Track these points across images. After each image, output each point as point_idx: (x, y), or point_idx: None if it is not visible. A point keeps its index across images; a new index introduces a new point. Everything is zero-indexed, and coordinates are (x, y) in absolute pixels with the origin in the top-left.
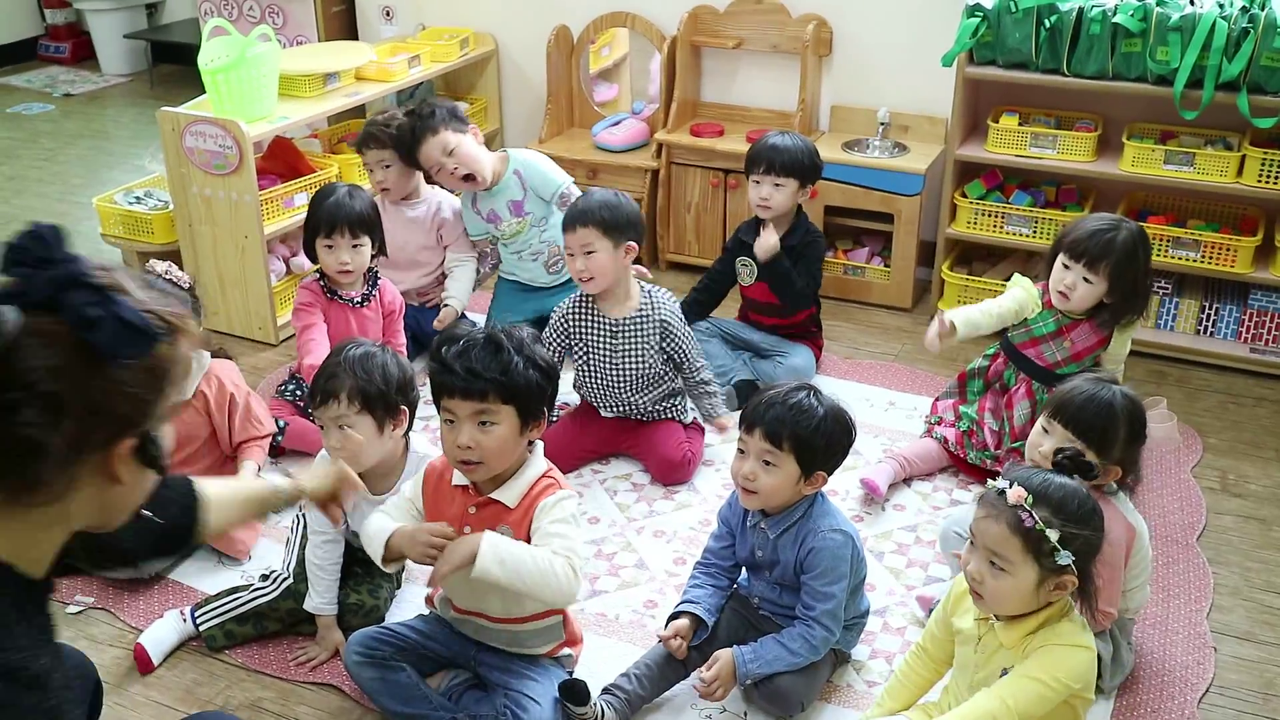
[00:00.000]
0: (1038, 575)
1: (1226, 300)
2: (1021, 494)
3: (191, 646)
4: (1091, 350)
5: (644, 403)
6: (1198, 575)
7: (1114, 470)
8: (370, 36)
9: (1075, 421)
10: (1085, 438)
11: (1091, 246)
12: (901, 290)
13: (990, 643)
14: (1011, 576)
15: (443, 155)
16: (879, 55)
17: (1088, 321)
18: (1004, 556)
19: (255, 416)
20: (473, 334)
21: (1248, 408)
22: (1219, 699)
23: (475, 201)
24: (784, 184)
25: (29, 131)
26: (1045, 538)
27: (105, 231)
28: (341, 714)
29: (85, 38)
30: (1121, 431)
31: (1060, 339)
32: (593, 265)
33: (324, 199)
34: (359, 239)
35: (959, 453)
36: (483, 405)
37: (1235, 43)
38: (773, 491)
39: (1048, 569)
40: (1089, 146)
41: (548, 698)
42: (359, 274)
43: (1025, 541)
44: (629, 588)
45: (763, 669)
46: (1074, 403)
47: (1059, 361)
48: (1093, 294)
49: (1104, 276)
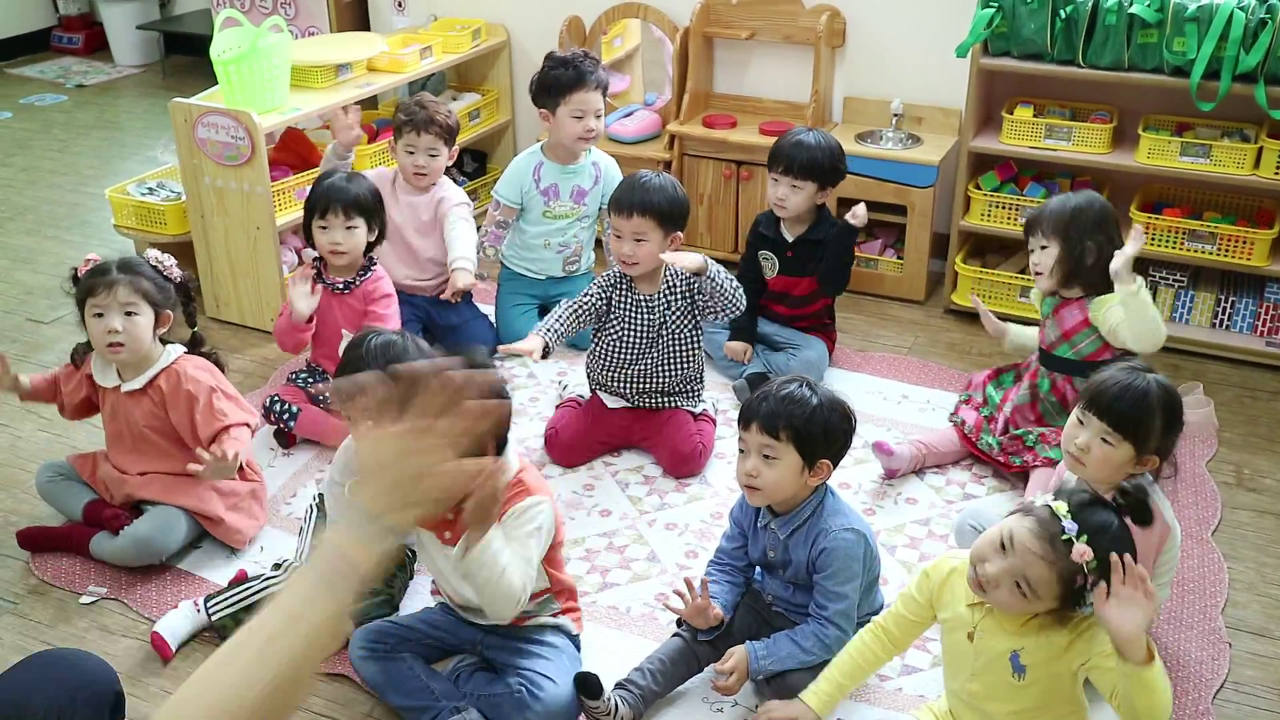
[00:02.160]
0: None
1: (1243, 293)
2: (1088, 553)
3: (205, 637)
4: (1078, 329)
5: (664, 383)
6: (1213, 570)
7: (1151, 460)
8: (382, 27)
9: (1110, 413)
10: (1121, 429)
11: (1038, 215)
12: (915, 283)
13: (989, 628)
14: (1033, 601)
15: (593, 111)
16: (892, 46)
17: (1076, 301)
18: (1035, 590)
19: (218, 410)
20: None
21: (1264, 402)
22: (1234, 695)
23: (539, 169)
24: (801, 186)
25: (42, 122)
26: (1086, 592)
27: (118, 222)
28: (352, 704)
29: (98, 29)
30: (1158, 421)
31: (1052, 319)
32: (640, 252)
33: (322, 180)
34: (353, 220)
35: (973, 436)
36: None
37: (1253, 33)
38: (777, 485)
39: (1070, 605)
40: (1104, 138)
41: (563, 676)
42: (353, 256)
43: (1066, 589)
44: (640, 580)
45: (775, 666)
46: (1108, 393)
47: (1053, 342)
48: (1050, 257)
49: (1052, 235)
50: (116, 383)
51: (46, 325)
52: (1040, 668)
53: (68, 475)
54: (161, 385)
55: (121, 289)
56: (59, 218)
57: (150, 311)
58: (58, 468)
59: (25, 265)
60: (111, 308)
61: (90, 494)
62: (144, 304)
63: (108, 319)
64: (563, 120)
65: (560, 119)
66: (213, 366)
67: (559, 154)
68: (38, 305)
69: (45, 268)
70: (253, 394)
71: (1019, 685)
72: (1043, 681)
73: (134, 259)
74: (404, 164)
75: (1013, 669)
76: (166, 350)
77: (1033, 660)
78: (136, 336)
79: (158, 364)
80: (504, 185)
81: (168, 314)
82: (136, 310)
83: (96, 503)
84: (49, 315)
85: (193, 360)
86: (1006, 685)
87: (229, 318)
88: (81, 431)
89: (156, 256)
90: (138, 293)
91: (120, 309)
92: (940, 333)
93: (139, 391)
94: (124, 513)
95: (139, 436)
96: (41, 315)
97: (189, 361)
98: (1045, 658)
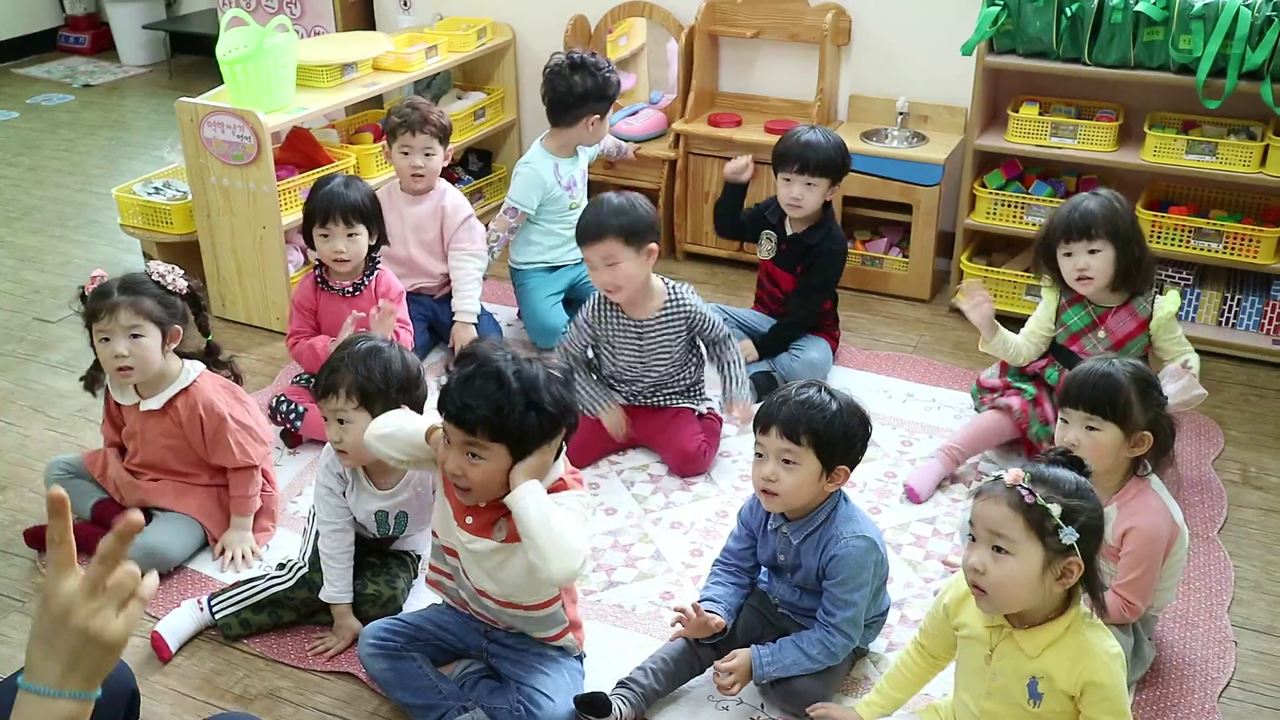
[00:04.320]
0: (1042, 557)
1: (1249, 291)
2: (1019, 474)
3: (209, 636)
4: (1133, 336)
5: (663, 396)
6: (1219, 569)
7: (1144, 437)
8: (388, 26)
9: (1081, 400)
10: (1100, 411)
11: (1076, 218)
12: (920, 281)
13: (1008, 650)
14: (1015, 558)
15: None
16: (898, 44)
17: (1124, 308)
18: (1007, 536)
19: (233, 442)
20: (487, 360)
21: (1270, 400)
22: (1239, 693)
23: (558, 168)
24: (816, 184)
25: (49, 122)
26: (1048, 513)
27: (124, 222)
28: (358, 703)
29: (104, 28)
30: (1131, 393)
31: (1096, 330)
32: (619, 276)
33: (320, 188)
34: (354, 228)
35: (1023, 423)
36: (471, 438)
37: (1259, 31)
38: (795, 491)
39: (1052, 549)
40: (1110, 136)
41: (561, 693)
42: (356, 263)
43: (1028, 519)
44: (646, 579)
45: (779, 673)
46: (1075, 383)
47: (1105, 351)
48: (1106, 261)
49: (1105, 238)
50: (135, 400)
51: (54, 324)
52: (1057, 699)
53: (78, 472)
54: (179, 407)
55: (124, 312)
56: (66, 217)
57: (156, 330)
58: (69, 464)
59: (32, 265)
60: (116, 332)
61: (100, 493)
62: (149, 324)
63: (113, 344)
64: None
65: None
66: (231, 386)
67: (565, 149)
68: (45, 304)
69: (52, 267)
70: (259, 393)
71: (1033, 711)
72: (1056, 711)
73: (136, 277)
74: (400, 166)
75: (1029, 695)
76: (185, 369)
77: (1050, 690)
78: (143, 359)
79: (176, 384)
80: (522, 193)
81: (176, 329)
82: (141, 332)
83: (106, 502)
84: (56, 314)
85: (210, 381)
86: (1020, 709)
87: (235, 317)
88: (90, 432)
89: (159, 271)
90: (140, 314)
91: (125, 332)
92: (945, 331)
93: (158, 411)
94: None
95: (156, 453)
96: (49, 314)
97: (207, 382)
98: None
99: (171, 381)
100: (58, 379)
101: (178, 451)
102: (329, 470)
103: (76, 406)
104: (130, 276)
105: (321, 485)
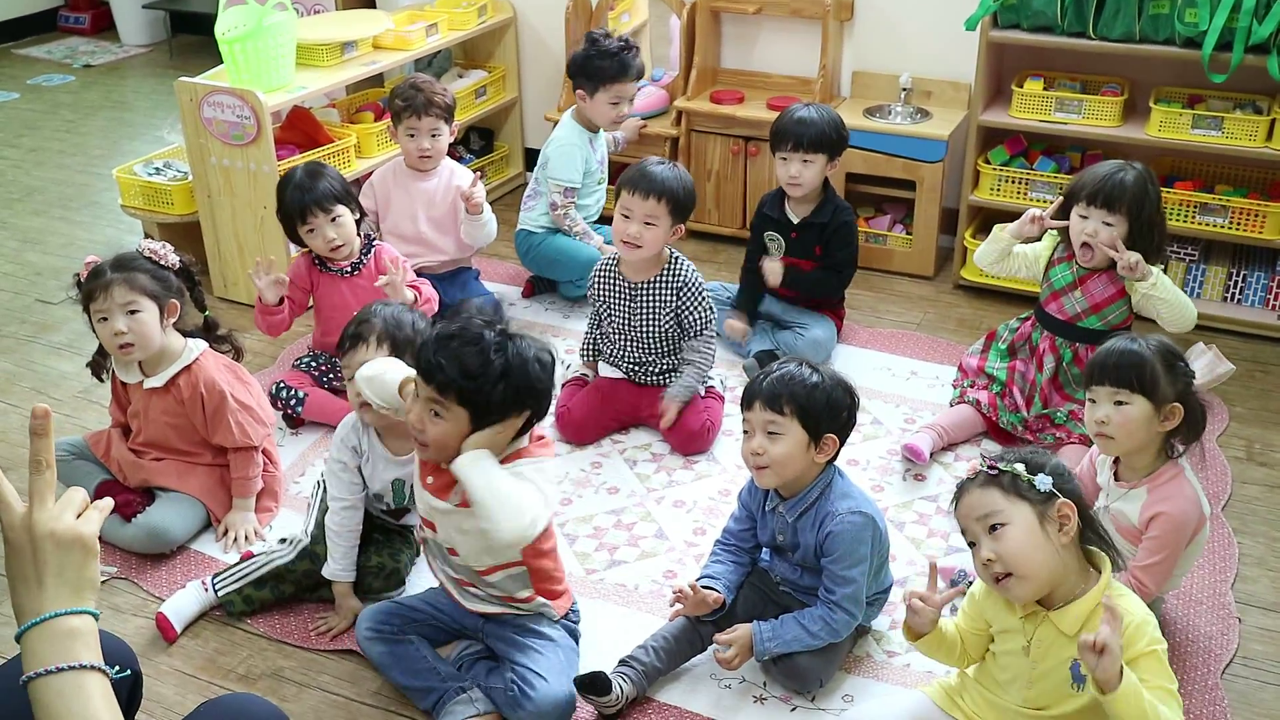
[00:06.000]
0: (1033, 512)
1: (1254, 267)
2: (975, 464)
3: (214, 616)
4: (1111, 301)
5: (655, 367)
6: (1223, 545)
7: (1175, 409)
8: (388, 4)
9: (1107, 374)
10: (1126, 384)
11: (1106, 188)
12: (924, 258)
13: (1045, 635)
14: (1012, 524)
15: (628, 98)
16: (901, 20)
17: (1105, 273)
18: (994, 511)
19: (233, 422)
20: (471, 324)
21: (1275, 375)
22: (1243, 669)
23: (591, 141)
24: (813, 160)
25: (49, 103)
26: (1015, 473)
27: (125, 203)
28: (361, 682)
29: (104, 8)
30: (1158, 367)
31: (1076, 290)
32: (647, 236)
33: (285, 189)
34: (335, 211)
35: (991, 415)
36: (437, 396)
37: (1266, 4)
38: (784, 462)
39: (1036, 501)
40: (1115, 111)
41: (554, 672)
42: (350, 244)
43: (1001, 487)
44: (648, 558)
45: (780, 649)
46: (1099, 361)
47: (1079, 314)
48: (1120, 234)
49: (1124, 215)
50: (140, 378)
51: (55, 306)
52: None
53: (81, 453)
54: (181, 384)
55: (118, 289)
56: (67, 198)
57: (153, 305)
58: (72, 445)
59: (34, 246)
60: (113, 310)
61: (103, 473)
62: (145, 299)
63: (112, 322)
64: (599, 103)
65: (597, 102)
66: (234, 366)
67: (591, 126)
68: (47, 286)
69: (54, 249)
70: (261, 373)
71: (1076, 695)
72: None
73: (128, 255)
74: (407, 148)
75: (1072, 678)
76: (188, 346)
77: None
78: (143, 334)
79: (179, 361)
80: (564, 170)
81: (173, 303)
82: (138, 307)
83: (109, 483)
84: (58, 295)
85: (213, 360)
86: (1065, 695)
87: (236, 297)
88: (92, 413)
89: (150, 247)
90: (136, 289)
91: (122, 309)
92: (950, 308)
93: (161, 389)
94: (136, 499)
95: (159, 431)
96: (51, 296)
97: (210, 360)
98: None
99: (174, 359)
100: (60, 360)
101: (180, 430)
102: (344, 444)
103: (79, 388)
104: (122, 255)
105: (335, 460)
